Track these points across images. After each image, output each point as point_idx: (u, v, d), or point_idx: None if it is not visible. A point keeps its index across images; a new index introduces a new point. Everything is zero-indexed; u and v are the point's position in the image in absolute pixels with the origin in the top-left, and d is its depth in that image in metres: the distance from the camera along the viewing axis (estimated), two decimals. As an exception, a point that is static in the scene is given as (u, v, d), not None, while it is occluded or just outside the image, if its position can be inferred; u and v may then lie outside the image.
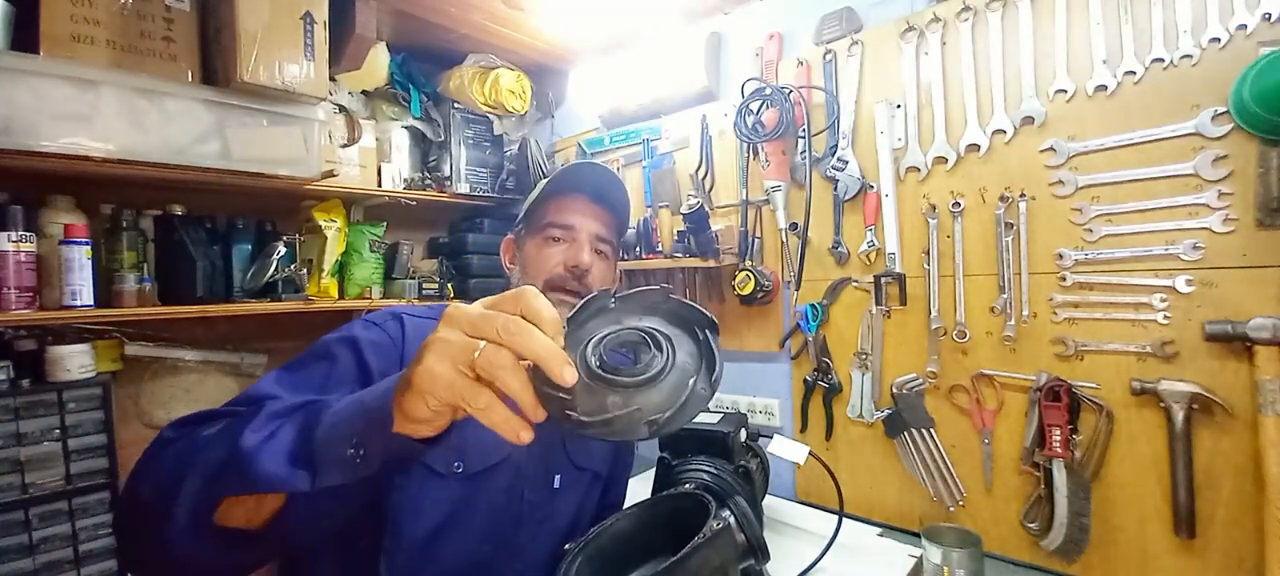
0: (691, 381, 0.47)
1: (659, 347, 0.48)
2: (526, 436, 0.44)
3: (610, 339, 0.50)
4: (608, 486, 1.05)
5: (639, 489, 1.15)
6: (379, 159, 1.71)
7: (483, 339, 0.44)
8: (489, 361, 0.43)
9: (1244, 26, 0.95)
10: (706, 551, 0.68)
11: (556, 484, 0.90)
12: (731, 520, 0.73)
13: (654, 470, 1.14)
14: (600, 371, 0.47)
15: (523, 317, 0.45)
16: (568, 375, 0.43)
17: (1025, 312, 1.16)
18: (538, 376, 0.44)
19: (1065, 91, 1.11)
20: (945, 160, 1.25)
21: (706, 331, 0.51)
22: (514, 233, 0.97)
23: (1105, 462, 1.09)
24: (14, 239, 1.12)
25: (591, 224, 0.91)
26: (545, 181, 0.94)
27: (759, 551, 0.74)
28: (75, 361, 1.25)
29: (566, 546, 0.81)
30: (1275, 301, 0.94)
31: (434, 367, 0.44)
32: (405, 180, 1.78)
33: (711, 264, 1.53)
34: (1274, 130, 0.93)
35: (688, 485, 1.01)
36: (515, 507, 0.86)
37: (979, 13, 1.20)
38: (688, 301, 0.54)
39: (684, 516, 0.81)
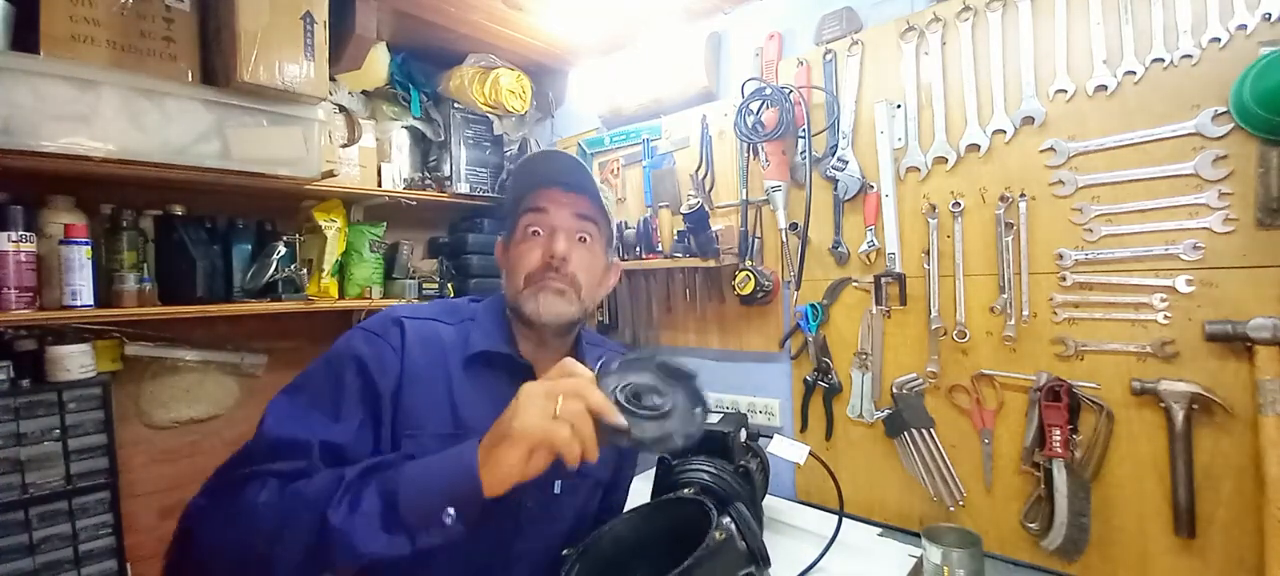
0: (696, 411, 0.69)
1: (661, 392, 0.69)
2: (594, 455, 0.62)
3: (628, 389, 0.67)
4: (609, 490, 1.05)
5: (640, 489, 1.15)
6: (379, 159, 1.71)
7: (559, 396, 0.61)
8: (568, 410, 0.61)
9: (1244, 26, 0.95)
10: (709, 563, 0.68)
11: (556, 489, 0.90)
12: (733, 528, 0.73)
13: (654, 470, 1.14)
14: (630, 407, 0.65)
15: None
16: (618, 418, 0.63)
17: (1025, 312, 1.16)
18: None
19: (1065, 91, 1.11)
20: (945, 160, 1.25)
21: (694, 381, 0.72)
22: (502, 236, 0.97)
23: (1105, 462, 1.09)
24: (14, 239, 1.12)
25: (564, 208, 0.89)
26: (512, 184, 0.93)
27: (760, 559, 0.74)
28: (75, 361, 1.25)
29: (565, 551, 0.81)
30: (1275, 301, 0.94)
31: (528, 422, 0.60)
32: (405, 180, 1.78)
33: (711, 264, 1.53)
34: (1274, 130, 0.93)
35: (688, 488, 1.01)
36: (515, 515, 0.86)
37: (979, 13, 1.20)
38: (673, 362, 0.72)
39: (684, 520, 0.82)
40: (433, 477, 0.63)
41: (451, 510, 0.61)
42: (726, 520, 0.74)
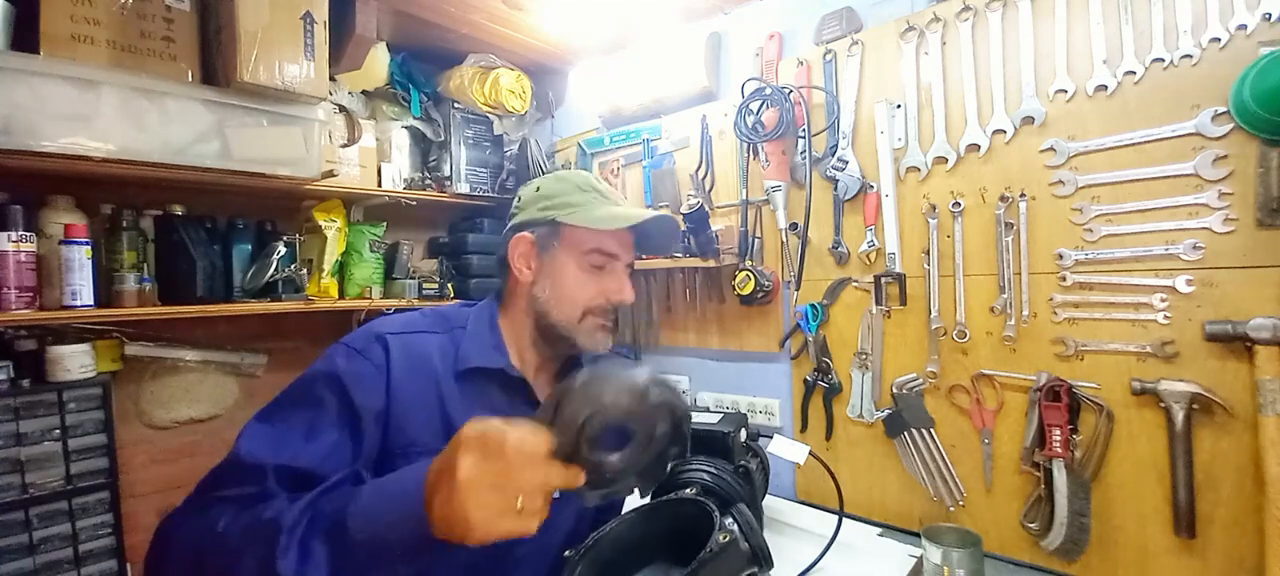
0: (668, 450, 0.62)
1: (636, 422, 0.60)
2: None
3: (597, 422, 0.57)
4: None
5: (639, 489, 1.14)
6: (379, 159, 1.71)
7: (519, 495, 0.55)
8: (531, 507, 0.55)
9: (1244, 26, 0.95)
10: (714, 565, 0.68)
11: (554, 493, 0.90)
12: (736, 530, 0.73)
13: (654, 470, 1.13)
14: (593, 459, 0.58)
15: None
16: (580, 487, 0.58)
17: (1025, 312, 1.16)
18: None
19: (1065, 91, 1.11)
20: (945, 160, 1.25)
21: (684, 422, 0.64)
22: (535, 234, 0.91)
23: (1105, 462, 1.09)
24: (14, 239, 1.12)
25: (629, 253, 0.93)
26: (579, 190, 0.90)
27: (763, 559, 0.74)
28: (75, 361, 1.25)
29: (566, 553, 0.81)
30: (1275, 301, 0.94)
31: (486, 521, 0.54)
32: (405, 180, 1.78)
33: (711, 264, 1.53)
34: (1274, 130, 0.93)
35: (689, 488, 1.00)
36: None
37: (979, 13, 1.20)
38: (677, 402, 0.63)
39: (685, 520, 0.81)
40: (385, 526, 0.58)
41: (411, 562, 0.58)
42: (729, 521, 0.74)
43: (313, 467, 0.70)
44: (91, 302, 1.20)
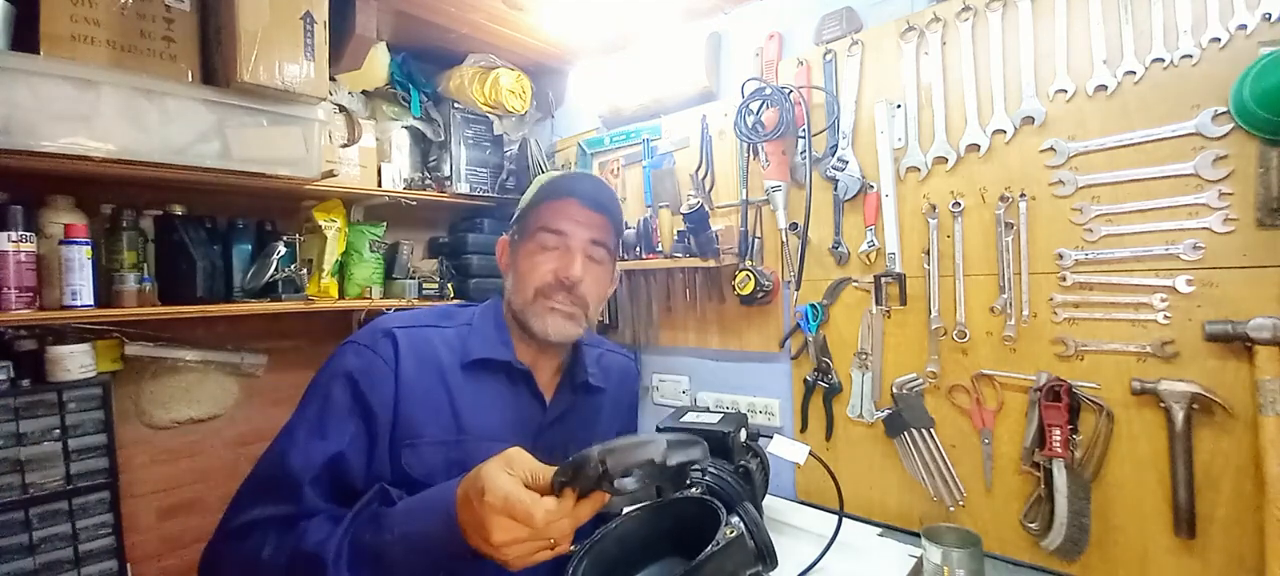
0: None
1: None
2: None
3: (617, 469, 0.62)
4: None
5: (639, 489, 1.14)
6: (379, 159, 1.71)
7: (552, 537, 0.61)
8: (563, 542, 0.62)
9: (1244, 26, 0.95)
10: (720, 559, 0.68)
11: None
12: (742, 527, 0.73)
13: (654, 470, 1.13)
14: (615, 488, 0.63)
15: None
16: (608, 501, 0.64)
17: (1025, 312, 1.16)
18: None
19: (1065, 91, 1.12)
20: (945, 160, 1.25)
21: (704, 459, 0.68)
22: (508, 234, 0.97)
23: (1105, 462, 1.09)
24: (14, 239, 1.12)
25: (584, 230, 0.89)
26: (538, 185, 0.92)
27: (768, 557, 0.75)
28: (75, 361, 1.25)
29: (571, 547, 0.81)
30: (1275, 301, 0.94)
31: (528, 561, 0.61)
32: (405, 180, 1.78)
33: (711, 264, 1.53)
34: (1274, 130, 0.93)
35: (691, 487, 1.00)
36: None
37: (979, 13, 1.20)
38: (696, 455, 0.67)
39: (689, 520, 0.82)
40: (421, 560, 0.64)
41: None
42: (736, 518, 0.74)
43: (341, 449, 0.75)
44: (91, 303, 1.20)
